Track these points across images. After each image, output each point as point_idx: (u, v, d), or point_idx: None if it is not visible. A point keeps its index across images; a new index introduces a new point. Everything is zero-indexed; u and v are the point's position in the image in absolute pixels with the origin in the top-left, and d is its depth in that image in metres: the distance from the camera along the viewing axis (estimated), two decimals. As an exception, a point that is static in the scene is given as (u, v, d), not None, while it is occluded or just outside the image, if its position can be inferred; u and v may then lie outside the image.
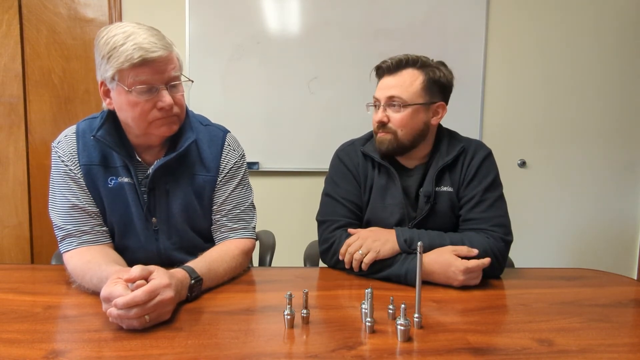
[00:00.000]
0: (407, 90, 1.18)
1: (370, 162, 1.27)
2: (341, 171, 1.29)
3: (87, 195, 1.08)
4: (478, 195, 1.19)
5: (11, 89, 2.38)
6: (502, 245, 1.13)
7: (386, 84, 1.21)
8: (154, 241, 1.13)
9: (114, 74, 0.97)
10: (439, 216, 1.21)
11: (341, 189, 1.27)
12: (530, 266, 1.27)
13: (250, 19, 2.36)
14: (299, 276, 1.15)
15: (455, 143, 1.25)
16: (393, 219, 1.22)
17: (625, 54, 2.53)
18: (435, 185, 1.20)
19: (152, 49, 0.95)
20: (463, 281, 1.03)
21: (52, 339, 0.76)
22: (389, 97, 1.19)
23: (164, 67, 0.99)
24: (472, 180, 1.21)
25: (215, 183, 1.16)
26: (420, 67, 1.20)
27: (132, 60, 0.94)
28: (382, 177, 1.25)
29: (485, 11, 2.44)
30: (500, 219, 1.17)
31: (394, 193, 1.23)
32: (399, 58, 1.20)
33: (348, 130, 1.78)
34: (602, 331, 0.82)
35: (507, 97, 2.51)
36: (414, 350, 0.74)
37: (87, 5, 2.38)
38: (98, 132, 1.04)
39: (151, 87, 0.98)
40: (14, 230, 2.47)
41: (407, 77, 1.19)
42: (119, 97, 1.00)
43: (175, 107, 1.03)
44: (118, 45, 0.95)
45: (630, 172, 2.61)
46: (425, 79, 1.19)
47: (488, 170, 1.22)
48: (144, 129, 1.03)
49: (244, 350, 0.72)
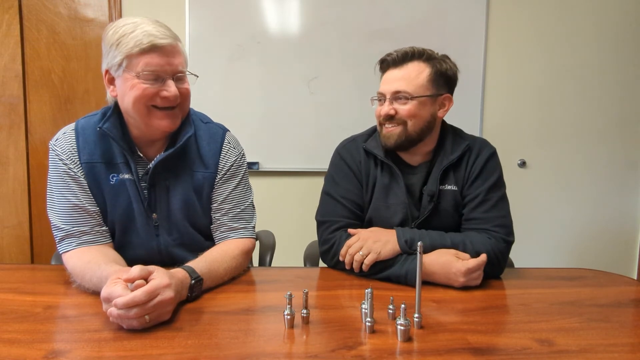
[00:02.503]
0: (413, 83, 1.16)
1: (372, 159, 1.25)
2: (342, 169, 1.26)
3: (87, 194, 1.07)
4: (482, 194, 1.17)
5: (11, 89, 2.38)
6: (504, 246, 1.13)
7: (392, 77, 1.18)
8: (155, 237, 1.13)
9: (122, 59, 0.98)
10: (443, 215, 1.20)
11: (341, 188, 1.24)
12: (531, 266, 1.27)
13: (250, 19, 2.36)
14: (299, 276, 1.15)
15: (459, 141, 1.23)
16: (396, 219, 1.20)
17: (625, 54, 2.53)
18: (439, 184, 1.19)
19: (161, 36, 0.98)
20: (464, 282, 1.03)
21: (52, 339, 0.76)
22: (395, 92, 1.17)
23: (172, 57, 1.00)
24: (477, 179, 1.19)
25: (214, 180, 1.15)
26: (426, 60, 1.18)
27: (141, 45, 0.96)
28: (385, 176, 1.22)
29: (485, 11, 2.44)
30: (502, 219, 1.16)
31: (397, 192, 1.21)
32: (405, 50, 1.18)
33: (348, 130, 1.77)
34: (602, 331, 0.82)
35: (507, 97, 2.51)
36: (414, 350, 0.74)
37: (87, 5, 2.38)
38: (105, 124, 1.05)
39: (158, 75, 0.99)
40: (14, 230, 2.47)
41: (413, 69, 1.17)
42: (124, 84, 1.00)
43: (179, 99, 1.04)
44: (128, 32, 0.97)
45: (630, 172, 2.61)
46: (431, 72, 1.17)
47: (493, 170, 1.20)
48: (143, 117, 1.03)
49: (244, 350, 0.72)
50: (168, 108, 1.03)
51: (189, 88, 1.07)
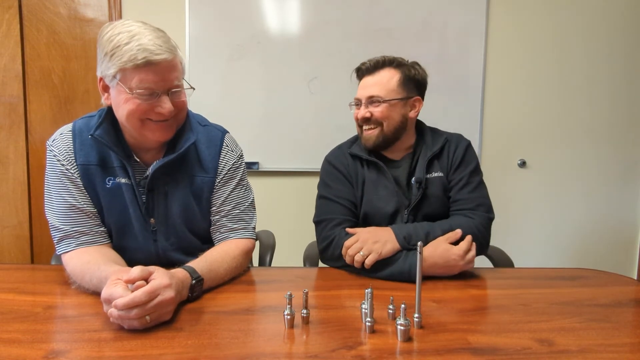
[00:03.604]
0: (385, 88, 1.29)
1: (358, 160, 1.35)
2: (332, 173, 1.36)
3: (85, 195, 1.06)
4: (465, 177, 1.30)
5: (11, 89, 2.38)
6: (486, 222, 1.25)
7: (366, 84, 1.32)
8: (152, 242, 1.12)
9: (116, 72, 0.95)
10: (433, 200, 1.30)
11: (334, 190, 1.32)
12: (531, 266, 1.27)
13: (250, 19, 2.36)
14: (299, 276, 1.15)
15: (437, 136, 1.37)
16: (389, 208, 1.28)
17: (625, 54, 2.53)
18: (426, 173, 1.30)
19: (157, 51, 0.94)
20: (463, 266, 1.11)
21: (52, 339, 0.76)
22: (369, 97, 1.30)
23: (167, 73, 0.97)
24: (460, 166, 1.32)
25: (213, 184, 1.15)
26: (397, 67, 1.31)
27: (135, 61, 0.92)
28: (372, 172, 1.33)
29: (485, 11, 2.44)
30: (483, 199, 1.30)
31: (386, 184, 1.30)
32: (377, 59, 1.33)
33: (348, 130, 1.77)
34: (602, 331, 0.82)
35: (507, 97, 2.51)
36: (414, 350, 0.74)
37: (87, 5, 2.38)
38: (96, 131, 1.03)
39: (152, 91, 0.97)
40: (14, 230, 2.47)
41: (384, 76, 1.30)
42: (118, 96, 0.99)
43: (175, 112, 1.02)
44: (122, 44, 0.93)
45: (630, 172, 2.62)
46: (401, 77, 1.30)
47: (471, 157, 1.34)
48: (137, 129, 1.02)
49: (244, 350, 0.72)
50: (162, 121, 1.02)
51: (185, 100, 1.04)
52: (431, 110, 1.50)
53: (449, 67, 2.43)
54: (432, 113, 1.60)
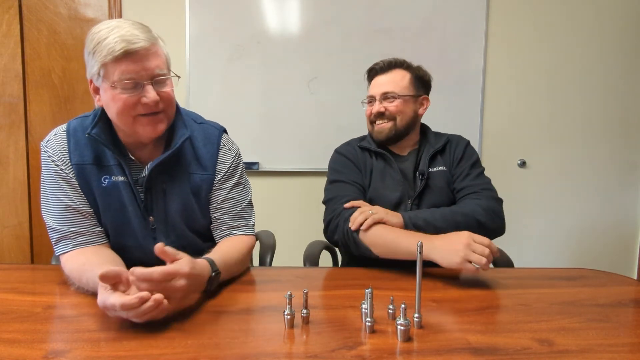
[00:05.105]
0: (399, 85, 1.41)
1: (367, 153, 1.45)
2: (342, 161, 1.44)
3: (80, 195, 1.06)
4: (467, 169, 1.39)
5: (11, 89, 2.38)
6: (494, 202, 1.30)
7: (380, 82, 1.43)
8: (152, 240, 1.12)
9: (99, 69, 0.95)
10: (436, 192, 1.38)
11: (344, 174, 1.40)
12: (530, 266, 1.27)
13: (250, 19, 2.36)
14: (299, 276, 1.15)
15: (439, 136, 1.48)
16: (394, 196, 1.36)
17: (625, 54, 2.53)
18: (429, 167, 1.39)
19: (134, 40, 0.94)
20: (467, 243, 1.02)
21: (52, 339, 0.76)
22: (384, 93, 1.41)
23: (146, 61, 0.96)
24: (461, 160, 1.42)
25: (212, 182, 1.15)
26: (406, 68, 1.44)
27: (114, 52, 0.92)
28: (380, 162, 1.43)
29: (485, 11, 2.44)
30: (487, 184, 1.36)
31: (392, 174, 1.40)
32: (389, 60, 1.44)
33: (348, 130, 1.78)
34: (602, 331, 0.82)
35: (507, 97, 2.51)
36: (414, 350, 0.74)
37: (87, 5, 2.38)
38: (93, 130, 1.03)
39: (136, 83, 0.96)
40: (14, 230, 2.47)
41: (397, 75, 1.42)
42: (106, 94, 0.99)
43: (161, 103, 1.01)
44: (102, 39, 0.94)
45: (630, 172, 2.62)
46: (411, 77, 1.43)
47: (471, 153, 1.44)
48: (129, 126, 1.01)
49: (244, 350, 0.72)
50: (152, 114, 1.01)
51: (169, 91, 1.03)
52: (431, 110, 1.50)
53: (449, 67, 2.44)
54: (432, 113, 1.60)
